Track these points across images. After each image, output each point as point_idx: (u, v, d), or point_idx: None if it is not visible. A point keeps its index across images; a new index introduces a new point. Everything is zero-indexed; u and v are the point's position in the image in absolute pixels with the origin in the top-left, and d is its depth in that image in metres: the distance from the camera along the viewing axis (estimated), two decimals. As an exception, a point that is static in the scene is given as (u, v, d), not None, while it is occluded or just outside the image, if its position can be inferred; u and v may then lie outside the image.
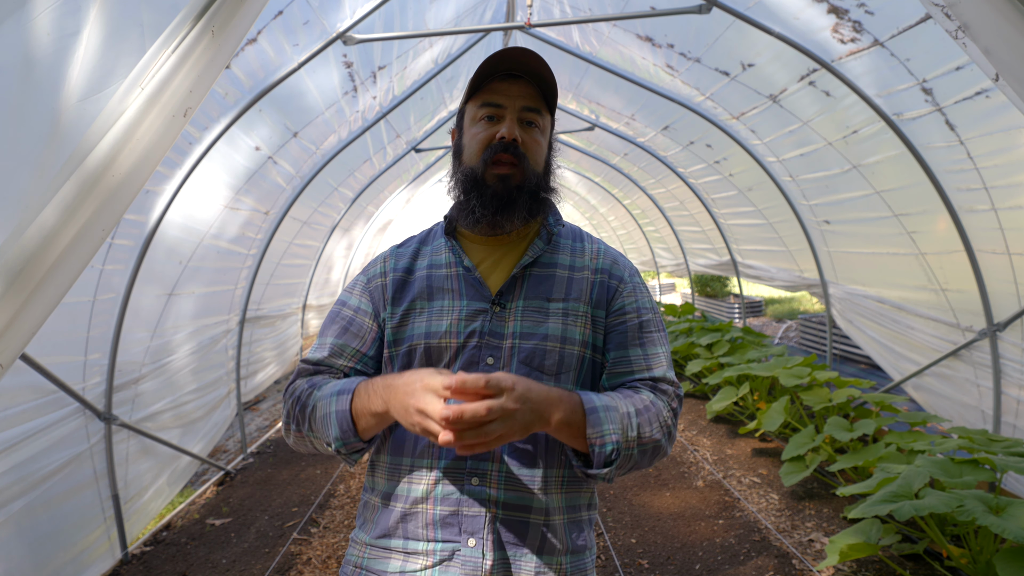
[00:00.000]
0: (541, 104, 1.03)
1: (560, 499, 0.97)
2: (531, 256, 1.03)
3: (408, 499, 0.96)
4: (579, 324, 1.00)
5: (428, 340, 0.98)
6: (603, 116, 5.71)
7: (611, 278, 1.05)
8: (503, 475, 0.94)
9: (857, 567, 2.69)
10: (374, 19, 3.06)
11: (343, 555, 3.03)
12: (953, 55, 2.34)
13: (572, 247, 1.08)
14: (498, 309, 0.99)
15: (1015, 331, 2.84)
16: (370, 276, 1.09)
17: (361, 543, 1.01)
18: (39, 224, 0.90)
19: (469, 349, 0.98)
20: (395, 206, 7.71)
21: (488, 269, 1.05)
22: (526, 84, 1.01)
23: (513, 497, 0.94)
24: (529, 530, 0.94)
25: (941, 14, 1.04)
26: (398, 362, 1.02)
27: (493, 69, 1.00)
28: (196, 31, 1.04)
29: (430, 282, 1.04)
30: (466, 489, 0.93)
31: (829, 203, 3.96)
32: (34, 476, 2.30)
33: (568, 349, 0.98)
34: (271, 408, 6.24)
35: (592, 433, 0.88)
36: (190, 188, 2.95)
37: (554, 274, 1.03)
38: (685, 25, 3.29)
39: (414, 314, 1.02)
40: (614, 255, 1.10)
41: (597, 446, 0.88)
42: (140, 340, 3.01)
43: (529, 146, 1.01)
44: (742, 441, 4.39)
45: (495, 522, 0.93)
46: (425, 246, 1.11)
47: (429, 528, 0.94)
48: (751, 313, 10.46)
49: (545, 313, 0.99)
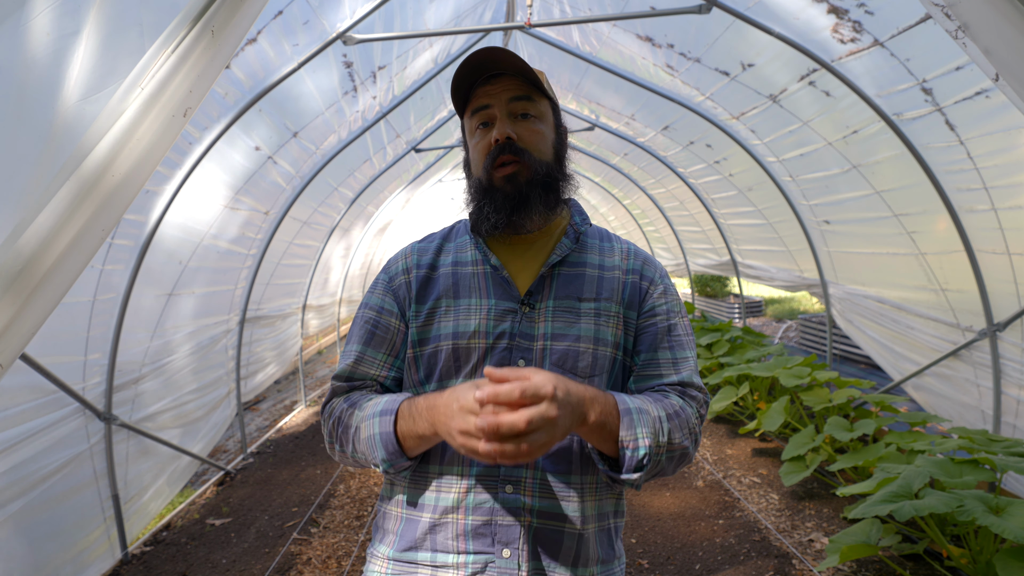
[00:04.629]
0: (530, 90, 0.99)
1: (593, 506, 0.94)
2: (559, 255, 0.99)
3: (437, 508, 0.91)
4: (611, 325, 0.97)
5: (456, 340, 0.95)
6: (603, 116, 5.71)
7: (642, 279, 1.02)
8: (538, 482, 0.91)
9: (857, 567, 2.68)
10: (374, 19, 3.06)
11: (343, 555, 3.03)
12: (953, 55, 2.33)
13: (600, 247, 1.05)
14: (527, 309, 0.96)
15: (1015, 331, 2.84)
16: (392, 274, 1.05)
17: (382, 558, 0.96)
18: (39, 224, 0.90)
19: (499, 351, 0.94)
20: (395, 206, 7.71)
21: (515, 269, 1.00)
22: (508, 78, 0.98)
23: (548, 505, 0.91)
24: (564, 539, 0.91)
25: (941, 14, 1.04)
26: (423, 363, 0.98)
27: (473, 76, 0.98)
28: (196, 31, 1.04)
29: (456, 279, 1.00)
30: (500, 497, 0.90)
31: (829, 203, 3.95)
32: (34, 476, 2.30)
33: (601, 350, 0.95)
34: (271, 408, 6.24)
35: (625, 436, 0.84)
36: (190, 188, 2.95)
37: (584, 273, 1.00)
38: (685, 25, 3.29)
39: (439, 312, 0.98)
40: (645, 255, 1.06)
41: (630, 449, 0.85)
42: (140, 340, 3.01)
43: (527, 138, 0.97)
44: (742, 441, 4.39)
45: (530, 531, 0.89)
46: (448, 242, 1.06)
47: (460, 539, 0.90)
48: (751, 313, 10.46)
49: (576, 313, 0.96)
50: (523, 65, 0.94)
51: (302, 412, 5.85)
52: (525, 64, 0.94)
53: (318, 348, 9.14)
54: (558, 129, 1.04)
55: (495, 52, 0.93)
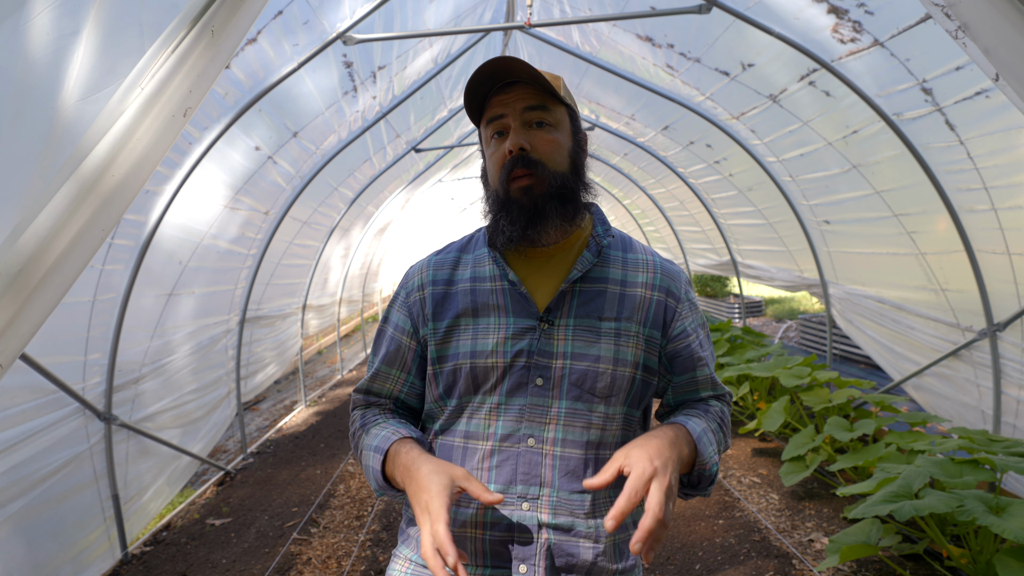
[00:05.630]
0: (545, 99, 0.96)
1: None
2: (580, 270, 0.97)
3: (456, 522, 0.94)
4: (631, 345, 0.96)
5: (474, 360, 0.95)
6: (603, 116, 5.71)
7: (669, 296, 1.00)
8: (553, 500, 0.92)
9: (857, 567, 2.68)
10: (374, 19, 3.06)
11: (343, 555, 3.03)
12: (953, 55, 2.33)
13: (624, 259, 1.02)
14: (546, 326, 0.95)
15: (1015, 331, 2.84)
16: (409, 290, 1.04)
17: (405, 559, 1.00)
18: (38, 224, 0.90)
19: (517, 369, 0.94)
20: (395, 206, 7.71)
21: (534, 284, 0.99)
22: (522, 87, 0.96)
23: (564, 521, 0.92)
24: (580, 553, 0.92)
25: (941, 14, 1.04)
26: (442, 380, 0.98)
27: (487, 85, 0.96)
28: (196, 31, 1.04)
29: (474, 297, 0.99)
30: (516, 515, 0.92)
31: (829, 203, 3.95)
32: (34, 476, 2.30)
33: (620, 371, 0.95)
34: (271, 408, 6.24)
35: (700, 460, 0.90)
36: (190, 188, 2.95)
37: (605, 290, 0.98)
38: (685, 25, 3.29)
39: (459, 331, 0.98)
40: (669, 269, 1.04)
41: (706, 470, 0.91)
42: (140, 340, 3.01)
43: (541, 148, 0.95)
44: (742, 441, 4.39)
45: (547, 547, 0.91)
46: (466, 254, 1.05)
47: (479, 555, 0.93)
48: (751, 313, 10.46)
49: (597, 333, 0.95)
50: (537, 73, 0.93)
51: (302, 412, 5.85)
52: (539, 72, 0.93)
53: (318, 348, 9.14)
54: (575, 136, 1.01)
55: (508, 61, 0.92)
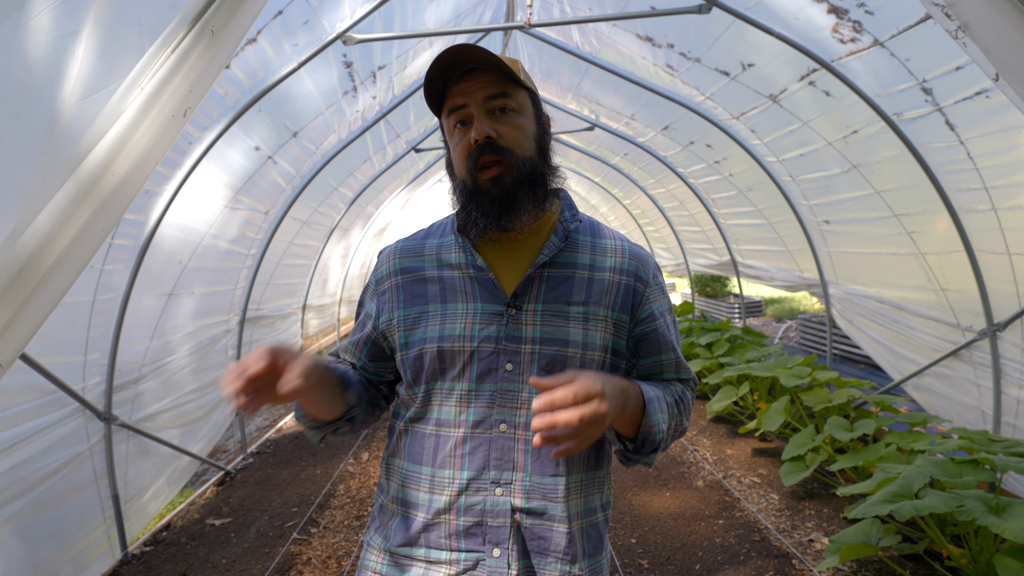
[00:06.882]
0: (507, 85, 0.95)
1: (579, 504, 0.98)
2: (547, 255, 0.98)
3: (430, 510, 0.95)
4: (600, 328, 0.97)
5: (441, 343, 0.96)
6: (603, 116, 5.71)
7: (637, 281, 1.01)
8: (526, 484, 0.94)
9: (857, 567, 2.68)
10: (374, 19, 3.06)
11: (343, 555, 3.03)
12: (953, 55, 2.33)
13: (592, 244, 1.02)
14: (514, 312, 0.95)
15: (1015, 331, 2.83)
16: (379, 277, 1.06)
17: (379, 548, 1.00)
18: (38, 224, 0.90)
19: (486, 355, 0.95)
20: (395, 207, 7.71)
21: (502, 269, 0.99)
22: (482, 73, 0.94)
23: (537, 505, 0.94)
24: (552, 537, 0.94)
25: (941, 14, 1.04)
26: (409, 368, 0.99)
27: (446, 74, 0.95)
28: (195, 31, 1.03)
29: (442, 284, 1.00)
30: (489, 500, 0.93)
31: (829, 203, 3.95)
32: (34, 476, 2.30)
33: (589, 355, 0.96)
34: (271, 408, 6.24)
35: (647, 422, 0.91)
36: (190, 188, 2.94)
37: (573, 275, 0.99)
38: (685, 25, 3.28)
39: (427, 317, 0.98)
40: (637, 253, 1.04)
41: (650, 434, 0.92)
42: (140, 340, 3.01)
43: (507, 135, 0.94)
44: (742, 441, 4.39)
45: (519, 531, 0.93)
46: (432, 239, 1.05)
47: (452, 539, 0.94)
48: (751, 313, 10.46)
49: (565, 317, 0.96)
50: (496, 59, 0.92)
51: (302, 412, 5.84)
52: (498, 58, 0.92)
53: (318, 348, 9.13)
54: (539, 119, 1.01)
55: (467, 48, 0.91)
